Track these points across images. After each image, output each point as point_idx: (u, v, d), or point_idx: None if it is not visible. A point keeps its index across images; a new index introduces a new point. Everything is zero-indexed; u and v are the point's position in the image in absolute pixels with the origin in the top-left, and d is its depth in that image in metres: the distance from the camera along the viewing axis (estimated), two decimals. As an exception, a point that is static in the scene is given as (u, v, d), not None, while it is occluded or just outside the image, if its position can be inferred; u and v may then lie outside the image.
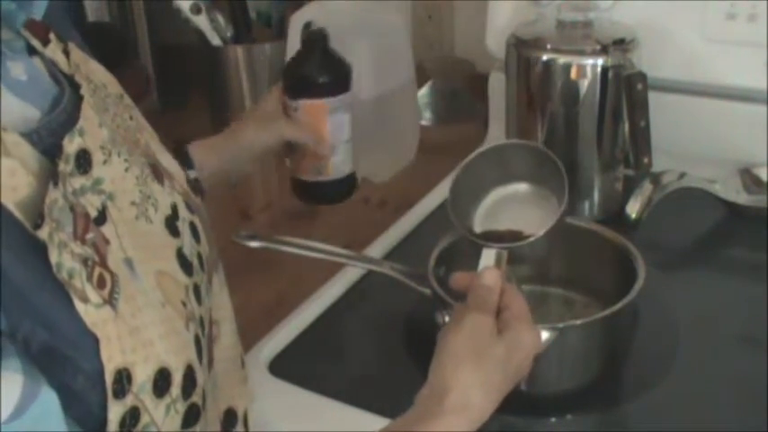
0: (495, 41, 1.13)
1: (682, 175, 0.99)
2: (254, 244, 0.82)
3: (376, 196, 1.18)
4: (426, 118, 1.39)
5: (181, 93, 1.51)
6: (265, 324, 0.86)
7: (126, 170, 0.55)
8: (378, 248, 0.97)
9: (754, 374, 0.76)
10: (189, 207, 0.62)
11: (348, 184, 0.97)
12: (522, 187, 0.76)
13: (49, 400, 0.45)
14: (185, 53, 1.43)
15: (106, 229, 0.51)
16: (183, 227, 0.59)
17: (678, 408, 0.74)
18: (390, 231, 1.00)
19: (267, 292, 0.98)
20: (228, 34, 1.35)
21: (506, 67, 1.03)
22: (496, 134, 1.18)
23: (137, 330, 0.49)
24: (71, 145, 0.49)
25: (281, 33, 1.34)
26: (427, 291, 0.77)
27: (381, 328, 0.85)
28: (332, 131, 0.93)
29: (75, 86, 0.54)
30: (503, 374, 0.61)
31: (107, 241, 0.50)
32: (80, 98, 0.53)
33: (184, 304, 0.55)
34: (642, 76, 0.94)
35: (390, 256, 0.95)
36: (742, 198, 1.01)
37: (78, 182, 0.50)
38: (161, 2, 1.36)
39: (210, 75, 1.37)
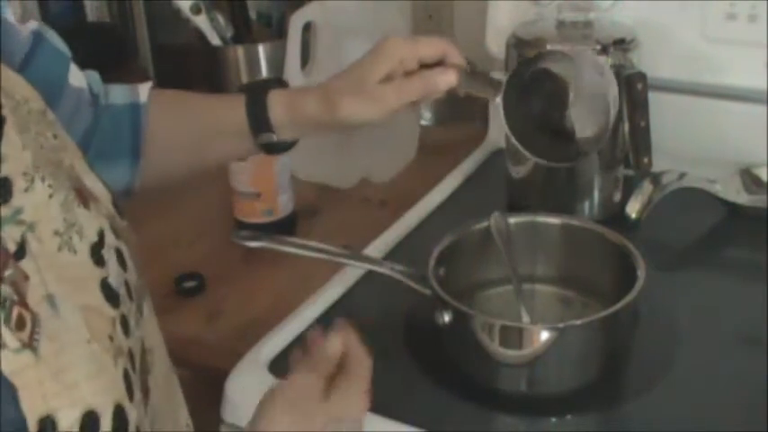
0: (495, 41, 1.13)
1: (682, 175, 0.99)
2: (254, 244, 0.82)
3: (376, 196, 1.18)
4: (426, 118, 1.39)
5: (181, 93, 1.51)
6: (265, 324, 0.86)
7: (50, 196, 0.51)
8: (378, 248, 0.97)
9: (754, 374, 0.76)
10: (115, 232, 0.57)
11: (292, 221, 1.08)
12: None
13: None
14: (185, 53, 1.43)
15: (26, 264, 0.47)
16: (108, 255, 0.55)
17: (678, 408, 0.74)
18: (390, 231, 1.00)
19: (267, 292, 0.98)
20: (228, 34, 1.35)
21: (506, 68, 1.03)
22: (496, 134, 1.18)
23: (61, 372, 0.46)
24: None
25: (281, 33, 1.34)
26: (427, 291, 0.77)
27: (381, 328, 0.85)
28: (278, 173, 1.05)
29: None
30: None
31: (26, 277, 0.47)
32: (1, 119, 0.49)
33: (111, 339, 0.52)
34: (642, 76, 0.94)
35: (390, 256, 0.95)
36: (742, 198, 1.01)
37: None
38: (161, 2, 1.36)
39: (210, 75, 1.37)
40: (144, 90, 0.84)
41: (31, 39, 0.75)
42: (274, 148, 0.83)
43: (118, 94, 0.83)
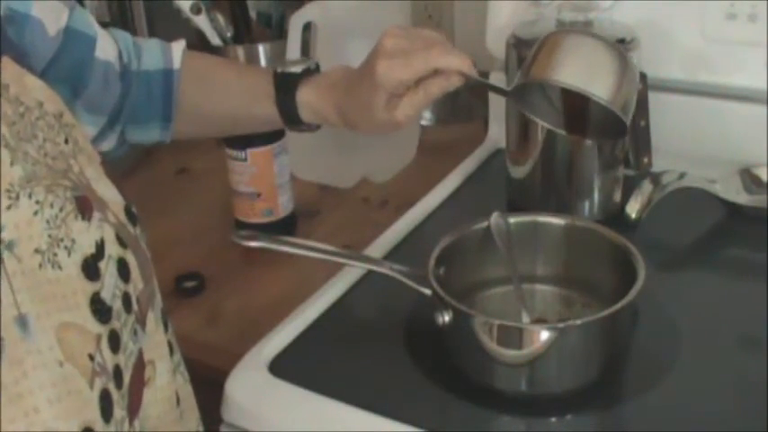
0: (495, 41, 1.13)
1: (682, 175, 0.99)
2: (253, 244, 0.82)
3: (376, 196, 1.18)
4: (426, 118, 1.39)
5: (181, 93, 1.51)
6: (265, 324, 0.86)
7: (35, 213, 0.50)
8: (378, 248, 0.97)
9: (754, 374, 0.76)
10: (120, 241, 0.57)
11: (292, 221, 1.09)
12: None
13: None
14: (185, 53, 1.43)
15: None
16: (105, 267, 0.55)
17: (678, 408, 0.74)
18: (390, 231, 1.00)
19: (267, 292, 0.98)
20: (228, 34, 1.35)
21: (506, 68, 1.03)
22: (496, 134, 1.18)
23: (18, 398, 0.46)
24: None
25: (281, 33, 1.34)
26: (427, 291, 0.77)
27: (381, 328, 0.85)
28: (278, 173, 1.05)
29: None
30: None
31: None
32: None
33: (92, 357, 0.51)
34: (642, 76, 0.94)
35: (390, 256, 0.95)
36: (742, 198, 1.01)
37: None
38: (161, 2, 1.36)
39: (210, 75, 1.37)
40: (177, 54, 0.85)
41: (61, 38, 0.74)
42: (305, 129, 0.88)
43: (151, 58, 0.84)
